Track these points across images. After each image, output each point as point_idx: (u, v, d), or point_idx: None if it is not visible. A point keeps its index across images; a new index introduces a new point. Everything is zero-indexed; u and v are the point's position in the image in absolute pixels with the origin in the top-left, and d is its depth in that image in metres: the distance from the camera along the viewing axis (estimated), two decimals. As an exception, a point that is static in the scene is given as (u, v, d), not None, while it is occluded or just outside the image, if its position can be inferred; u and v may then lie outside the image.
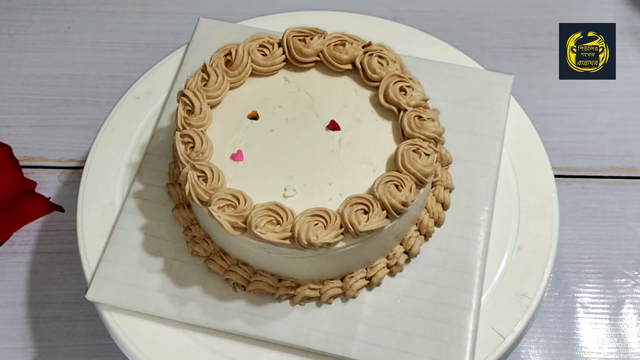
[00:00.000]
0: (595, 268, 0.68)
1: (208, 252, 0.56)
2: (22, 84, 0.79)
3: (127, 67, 0.80)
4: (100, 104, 0.77)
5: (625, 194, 0.72)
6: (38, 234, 0.70)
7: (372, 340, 0.53)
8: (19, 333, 0.65)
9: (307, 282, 0.54)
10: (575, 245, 0.69)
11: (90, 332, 0.64)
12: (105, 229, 0.58)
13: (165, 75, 0.66)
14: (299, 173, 0.53)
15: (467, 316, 0.54)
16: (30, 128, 0.76)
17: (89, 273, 0.56)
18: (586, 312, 0.66)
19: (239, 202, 0.50)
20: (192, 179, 0.51)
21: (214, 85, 0.56)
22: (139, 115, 0.64)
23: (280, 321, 0.54)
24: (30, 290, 0.67)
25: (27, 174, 0.72)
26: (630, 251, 0.69)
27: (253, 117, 0.56)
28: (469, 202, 0.59)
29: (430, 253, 0.57)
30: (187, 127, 0.54)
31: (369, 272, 0.55)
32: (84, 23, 0.84)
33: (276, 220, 0.50)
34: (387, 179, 0.51)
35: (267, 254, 0.52)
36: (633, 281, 0.67)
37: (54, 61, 0.81)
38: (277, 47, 0.58)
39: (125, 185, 0.61)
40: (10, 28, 0.83)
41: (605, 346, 0.64)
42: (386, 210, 0.50)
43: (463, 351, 0.52)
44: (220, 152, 0.54)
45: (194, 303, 0.54)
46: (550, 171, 0.61)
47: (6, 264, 0.68)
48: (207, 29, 0.68)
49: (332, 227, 0.49)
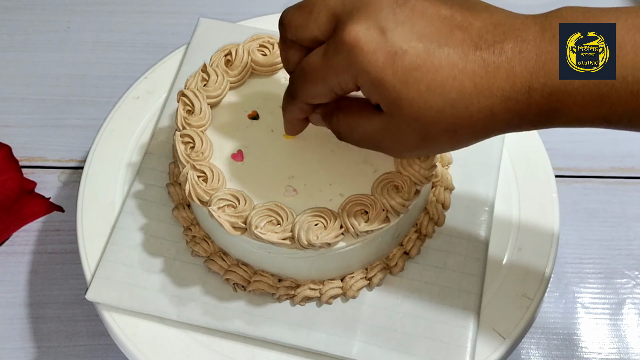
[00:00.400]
0: (595, 268, 0.68)
1: (208, 252, 0.56)
2: (22, 84, 0.79)
3: (127, 67, 0.79)
4: (100, 104, 0.77)
5: (626, 194, 0.72)
6: (38, 234, 0.70)
7: (372, 340, 0.53)
8: (19, 333, 0.65)
9: (307, 282, 0.54)
10: (575, 245, 0.69)
11: (90, 333, 0.64)
12: (105, 229, 0.58)
13: (165, 75, 0.66)
14: (299, 173, 0.53)
15: (467, 317, 0.53)
16: (30, 128, 0.76)
17: (89, 273, 0.56)
18: (587, 313, 0.66)
19: (239, 202, 0.50)
20: (192, 179, 0.51)
21: (214, 85, 0.56)
22: (139, 115, 0.64)
23: (280, 321, 0.54)
24: (30, 291, 0.67)
25: (26, 174, 0.72)
26: (631, 251, 0.69)
27: (253, 117, 0.56)
28: (469, 203, 0.59)
29: (430, 253, 0.57)
30: (187, 127, 0.54)
31: (369, 273, 0.55)
32: (84, 23, 0.84)
33: (276, 221, 0.50)
34: (387, 179, 0.51)
35: (267, 254, 0.52)
36: (634, 281, 0.67)
37: (54, 61, 0.81)
38: (277, 47, 0.58)
39: (125, 185, 0.61)
40: (10, 28, 0.83)
41: (605, 346, 0.64)
42: (386, 210, 0.50)
43: (463, 352, 0.52)
44: (220, 152, 0.54)
45: (194, 303, 0.54)
46: (551, 171, 0.61)
47: (6, 264, 0.68)
48: (207, 29, 0.68)
49: (332, 227, 0.49)
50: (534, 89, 0.39)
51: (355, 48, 0.40)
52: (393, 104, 0.41)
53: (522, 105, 0.40)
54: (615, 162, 0.74)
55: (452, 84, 0.40)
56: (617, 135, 0.75)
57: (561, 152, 0.73)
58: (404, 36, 0.40)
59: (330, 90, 0.44)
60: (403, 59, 0.40)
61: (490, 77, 0.39)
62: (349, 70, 0.41)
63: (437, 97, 0.40)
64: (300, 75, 0.46)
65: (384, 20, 0.40)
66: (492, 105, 0.40)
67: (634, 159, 0.74)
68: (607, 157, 0.74)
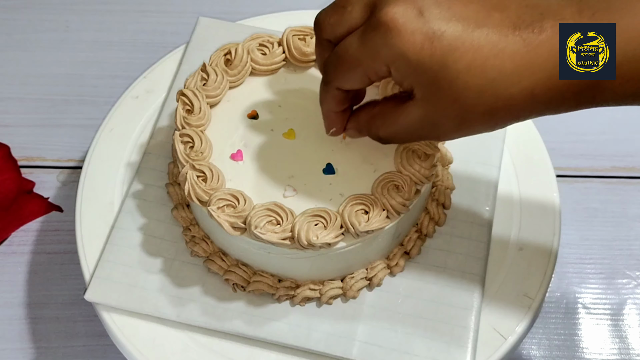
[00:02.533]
0: (597, 268, 0.68)
1: (207, 252, 0.56)
2: (21, 84, 0.79)
3: (126, 67, 0.79)
4: (99, 104, 0.76)
5: (627, 193, 0.72)
6: (37, 234, 0.69)
7: (372, 340, 0.53)
8: (18, 333, 0.64)
9: (307, 282, 0.54)
10: (576, 245, 0.69)
11: (89, 333, 0.64)
12: (104, 229, 0.58)
13: (165, 75, 0.66)
14: (299, 173, 0.53)
15: (468, 316, 0.53)
16: (28, 128, 0.76)
17: (87, 273, 0.56)
18: (588, 313, 0.66)
19: (238, 202, 0.50)
20: (191, 179, 0.51)
21: (214, 85, 0.56)
22: (138, 115, 0.64)
23: (280, 322, 0.53)
24: (28, 291, 0.66)
25: (25, 174, 0.72)
26: (632, 251, 0.69)
27: (253, 117, 0.56)
28: (469, 202, 0.58)
29: (430, 253, 0.56)
30: (187, 126, 0.54)
31: (370, 273, 0.55)
32: (82, 22, 0.84)
33: (276, 221, 0.49)
34: (388, 179, 0.51)
35: (267, 254, 0.51)
36: (635, 281, 0.67)
37: (53, 60, 0.81)
38: (277, 46, 0.58)
39: (124, 185, 0.60)
40: (8, 27, 0.83)
41: (607, 347, 0.64)
42: (386, 210, 0.50)
43: (464, 352, 0.52)
44: (220, 151, 0.54)
45: (194, 304, 0.54)
46: (552, 171, 0.61)
47: (5, 264, 0.68)
48: (207, 28, 0.67)
49: (332, 227, 0.49)
50: None
51: (392, 29, 0.40)
52: (431, 85, 0.41)
53: (563, 84, 0.39)
54: (616, 162, 0.74)
55: (493, 63, 0.39)
56: (619, 135, 0.76)
57: (562, 152, 0.73)
58: (442, 17, 0.40)
59: (364, 74, 0.43)
60: (441, 39, 0.39)
61: (531, 56, 0.39)
62: (386, 52, 0.41)
63: (477, 77, 0.40)
64: (334, 59, 0.45)
65: (421, 2, 0.40)
66: (534, 86, 0.40)
67: (635, 158, 0.74)
68: (608, 157, 0.74)
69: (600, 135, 0.75)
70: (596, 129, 0.76)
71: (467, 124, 0.42)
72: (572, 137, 0.75)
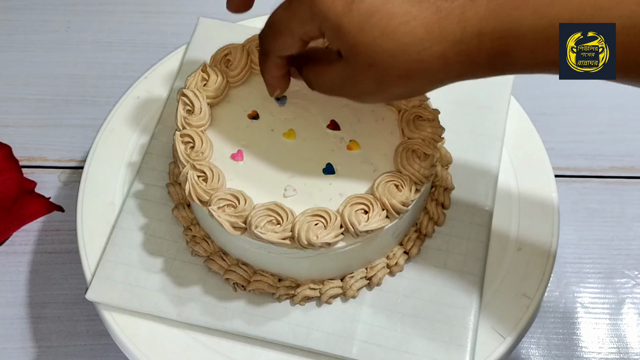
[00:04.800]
0: (595, 268, 0.68)
1: (208, 252, 0.56)
2: (22, 84, 0.79)
3: (127, 67, 0.79)
4: (100, 104, 0.77)
5: (625, 193, 0.72)
6: (38, 234, 0.70)
7: (372, 340, 0.53)
8: (19, 333, 0.65)
9: (307, 282, 0.54)
10: (575, 245, 0.69)
11: (90, 332, 0.64)
12: (105, 228, 0.58)
13: (165, 75, 0.66)
14: (299, 173, 0.53)
15: (467, 316, 0.53)
16: (30, 128, 0.76)
17: (89, 273, 0.56)
18: (586, 312, 0.66)
19: (239, 202, 0.50)
20: (192, 178, 0.51)
21: (214, 85, 0.56)
22: (139, 115, 0.64)
23: (280, 321, 0.54)
24: (30, 290, 0.67)
25: (27, 174, 0.72)
26: (631, 251, 0.69)
27: (253, 117, 0.56)
28: (469, 202, 0.59)
29: (430, 253, 0.57)
30: (187, 126, 0.54)
31: (369, 272, 0.55)
32: (83, 23, 0.84)
33: (276, 220, 0.50)
34: (387, 179, 0.51)
35: (267, 253, 0.52)
36: (633, 281, 0.67)
37: (54, 61, 0.81)
38: (277, 46, 0.58)
39: (125, 185, 0.61)
40: (9, 28, 0.83)
41: (605, 346, 0.64)
42: (386, 210, 0.50)
43: (463, 351, 0.52)
44: (220, 152, 0.54)
45: (194, 303, 0.54)
46: (551, 171, 0.61)
47: (6, 264, 0.68)
48: (207, 29, 0.68)
49: (332, 227, 0.49)
50: (484, 34, 0.41)
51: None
52: (350, 49, 0.43)
53: (473, 49, 0.42)
54: (614, 162, 0.74)
55: (405, 29, 0.42)
56: (617, 135, 0.76)
57: (561, 152, 0.73)
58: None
59: (298, 39, 0.46)
60: (360, 6, 0.42)
61: (442, 23, 0.42)
62: (312, 18, 0.44)
63: (390, 42, 0.42)
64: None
65: None
66: (444, 50, 0.42)
67: (633, 158, 0.74)
68: (606, 157, 0.74)
69: (599, 136, 0.75)
70: (595, 129, 0.76)
71: (385, 86, 0.45)
72: (571, 138, 0.75)
